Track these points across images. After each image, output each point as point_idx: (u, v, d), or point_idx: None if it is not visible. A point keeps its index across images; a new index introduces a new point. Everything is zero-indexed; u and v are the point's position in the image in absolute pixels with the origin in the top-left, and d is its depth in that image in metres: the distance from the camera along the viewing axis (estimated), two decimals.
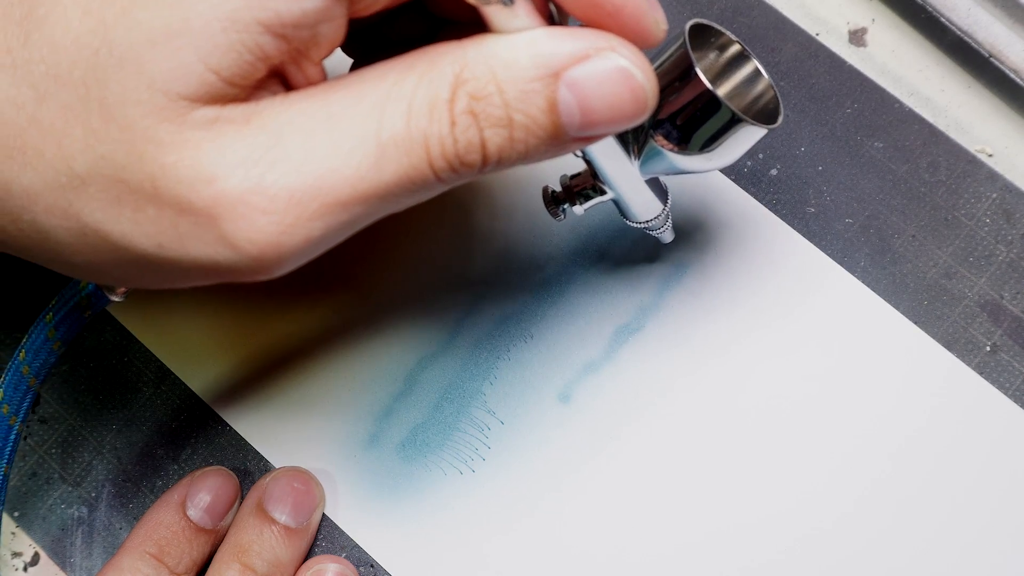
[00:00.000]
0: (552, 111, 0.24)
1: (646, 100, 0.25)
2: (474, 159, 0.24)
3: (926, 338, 0.36)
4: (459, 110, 0.24)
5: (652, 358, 0.37)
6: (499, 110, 0.24)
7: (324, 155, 0.23)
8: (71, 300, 0.32)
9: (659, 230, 0.35)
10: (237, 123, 0.23)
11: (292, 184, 0.23)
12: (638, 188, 0.32)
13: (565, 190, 0.33)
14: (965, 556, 0.34)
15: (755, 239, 0.37)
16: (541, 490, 0.36)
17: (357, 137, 0.23)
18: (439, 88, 0.24)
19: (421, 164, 0.24)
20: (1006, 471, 0.35)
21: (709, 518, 0.35)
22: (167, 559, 0.34)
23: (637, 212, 0.33)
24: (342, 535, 0.36)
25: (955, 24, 0.37)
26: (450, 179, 0.25)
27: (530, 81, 0.24)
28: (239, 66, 0.23)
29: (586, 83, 0.24)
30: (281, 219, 0.23)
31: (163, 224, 0.24)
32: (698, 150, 0.29)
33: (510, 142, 0.24)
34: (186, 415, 0.38)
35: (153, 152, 0.23)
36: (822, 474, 0.35)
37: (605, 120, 0.25)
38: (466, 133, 0.24)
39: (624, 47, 0.24)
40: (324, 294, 0.38)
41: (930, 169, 0.37)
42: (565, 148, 0.25)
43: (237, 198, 0.23)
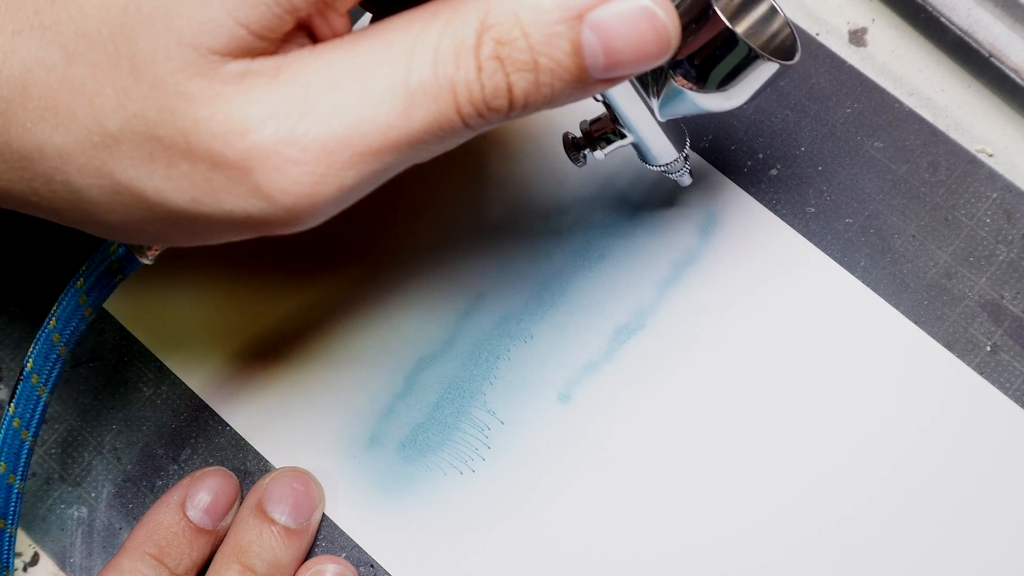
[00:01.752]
0: (577, 53, 0.24)
1: (669, 39, 0.25)
2: (501, 104, 0.24)
3: (926, 338, 0.36)
4: (485, 55, 0.24)
5: (652, 358, 0.37)
6: (524, 54, 0.24)
7: (354, 105, 0.24)
8: (102, 265, 0.32)
9: (678, 173, 0.35)
10: (267, 76, 0.24)
11: (323, 134, 0.23)
12: (657, 130, 0.33)
13: (585, 135, 0.33)
14: (966, 556, 0.34)
15: (755, 239, 0.37)
16: (541, 490, 0.36)
17: (385, 86, 0.24)
18: (464, 34, 0.24)
19: (449, 110, 0.24)
20: (1006, 471, 0.35)
21: (709, 518, 0.35)
22: (167, 559, 0.34)
23: (657, 155, 0.34)
24: (342, 535, 0.36)
25: (955, 24, 0.37)
26: (478, 125, 0.25)
27: (554, 24, 0.24)
28: (267, 19, 0.23)
29: (609, 24, 0.24)
30: (314, 169, 0.24)
31: (197, 179, 0.24)
32: (716, 87, 0.30)
33: (536, 86, 0.24)
34: (186, 415, 0.38)
35: (185, 108, 0.23)
36: (822, 474, 0.35)
37: (629, 60, 0.25)
38: (493, 78, 0.24)
39: None
40: (324, 294, 0.38)
41: (930, 169, 0.37)
42: (589, 90, 0.25)
43: (270, 150, 0.23)
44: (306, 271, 0.38)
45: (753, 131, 0.38)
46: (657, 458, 0.36)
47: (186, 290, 0.38)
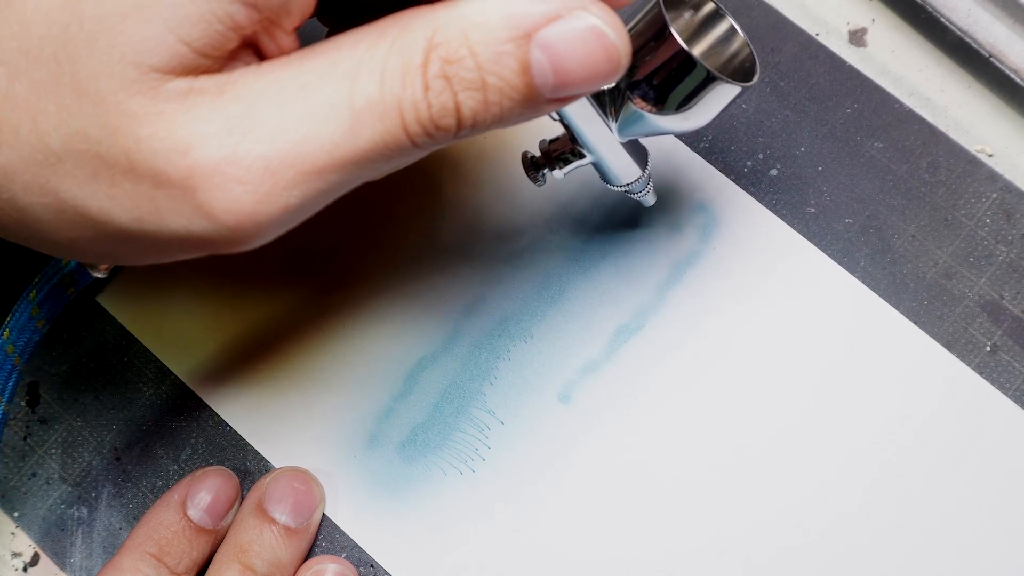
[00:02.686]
0: (525, 72, 0.24)
1: (619, 58, 0.25)
2: (449, 123, 0.24)
3: (926, 338, 0.36)
4: (432, 74, 0.24)
5: (652, 358, 0.37)
6: (472, 73, 0.24)
7: (299, 123, 0.23)
8: (54, 277, 0.32)
9: (640, 193, 0.35)
10: (211, 94, 0.23)
11: (267, 153, 0.23)
12: (617, 151, 0.32)
13: (544, 155, 0.33)
14: (965, 555, 0.34)
15: (755, 239, 0.37)
16: (541, 490, 0.36)
17: (331, 104, 0.23)
18: (412, 53, 0.24)
19: (396, 129, 0.24)
20: (1006, 471, 0.35)
21: (709, 518, 0.35)
22: (167, 559, 0.34)
23: (618, 175, 0.33)
24: (342, 535, 0.36)
25: (955, 24, 0.37)
26: (426, 144, 0.25)
27: (502, 43, 0.24)
28: (210, 36, 0.23)
29: (558, 43, 0.24)
30: (257, 188, 0.23)
31: (140, 197, 0.24)
32: (675, 109, 0.29)
33: (484, 105, 0.24)
34: (186, 415, 0.38)
35: (127, 125, 0.23)
36: (822, 474, 0.35)
37: (579, 80, 0.24)
38: (440, 97, 0.24)
39: (595, 6, 0.24)
40: (324, 295, 0.38)
41: (930, 169, 0.37)
42: (540, 109, 0.25)
43: (212, 168, 0.23)
44: (307, 271, 0.38)
45: (753, 131, 0.38)
46: (657, 458, 0.36)
47: (186, 290, 0.38)
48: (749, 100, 0.38)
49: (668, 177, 0.38)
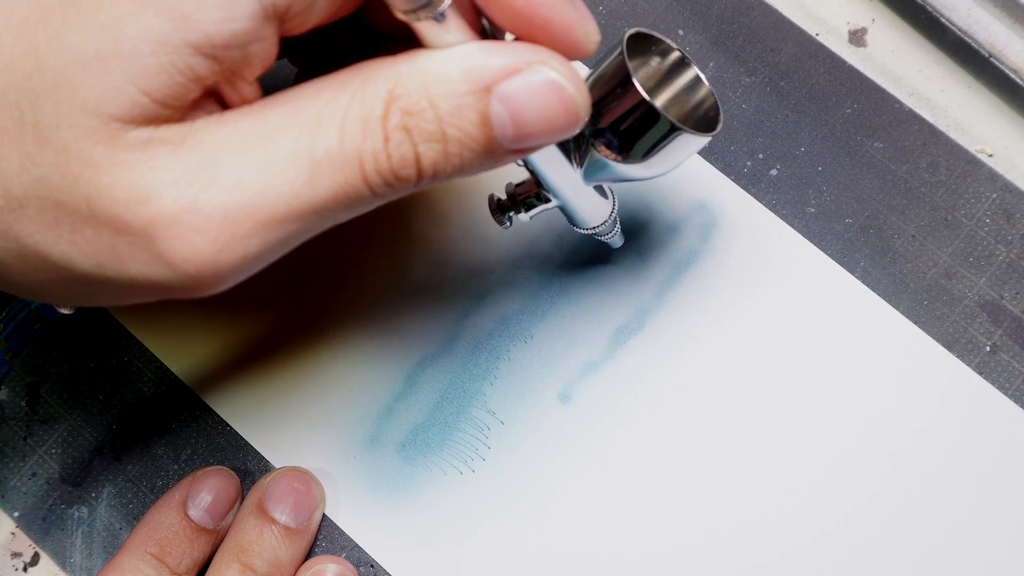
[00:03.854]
0: (485, 124, 0.24)
1: (578, 112, 0.25)
2: (409, 173, 0.25)
3: (926, 338, 0.36)
4: (392, 126, 0.24)
5: (652, 359, 0.37)
6: (432, 125, 0.24)
7: (258, 173, 0.24)
8: (20, 313, 0.33)
9: (607, 235, 0.35)
10: (172, 143, 0.24)
11: (226, 202, 0.23)
12: (583, 195, 0.32)
13: (510, 198, 0.33)
14: (965, 556, 0.34)
15: (755, 239, 0.37)
16: (541, 490, 0.36)
17: (291, 155, 0.24)
18: (372, 105, 0.24)
19: (355, 180, 0.24)
20: (1006, 471, 0.35)
21: (709, 518, 0.35)
22: (168, 559, 0.34)
23: (583, 218, 0.33)
24: (342, 535, 0.36)
25: (955, 24, 0.37)
26: (386, 193, 0.25)
27: (462, 95, 0.24)
28: (170, 87, 0.23)
29: (517, 96, 0.24)
30: (216, 237, 0.24)
31: (101, 244, 0.24)
32: (638, 159, 0.29)
33: (444, 156, 0.25)
34: (186, 415, 0.38)
35: (88, 174, 0.23)
36: (822, 474, 0.35)
37: (538, 132, 0.25)
38: (400, 148, 0.24)
39: (555, 60, 0.25)
40: (325, 294, 0.38)
41: (930, 169, 0.37)
42: (501, 160, 0.25)
43: (172, 217, 0.23)
44: (307, 271, 0.38)
45: (753, 131, 0.38)
46: (657, 458, 0.36)
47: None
48: (749, 100, 0.38)
49: (668, 177, 0.38)
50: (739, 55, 0.38)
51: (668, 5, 0.39)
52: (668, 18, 0.39)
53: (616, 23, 0.39)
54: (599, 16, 0.39)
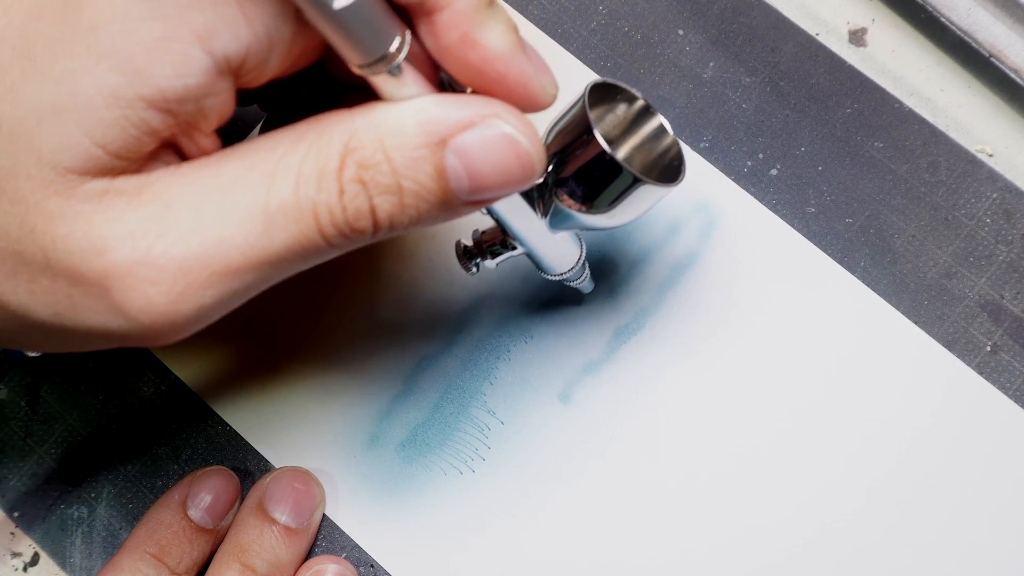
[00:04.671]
0: (441, 177, 0.24)
1: (532, 166, 0.25)
2: (364, 225, 0.25)
3: (926, 338, 0.36)
4: (348, 178, 0.24)
5: (652, 359, 0.37)
6: (387, 177, 0.24)
7: (213, 225, 0.24)
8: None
9: (576, 281, 0.34)
10: (128, 195, 0.24)
11: (181, 254, 0.24)
12: (548, 242, 0.32)
13: (476, 244, 0.33)
14: (966, 556, 0.34)
15: (755, 239, 0.37)
16: (541, 490, 0.36)
17: (246, 207, 0.24)
18: (328, 157, 0.24)
19: (311, 232, 0.24)
20: (1006, 471, 0.35)
21: (709, 519, 0.35)
22: (167, 559, 0.34)
23: (550, 265, 0.33)
24: (342, 535, 0.36)
25: (955, 24, 0.37)
26: (342, 245, 0.25)
27: (417, 148, 0.24)
28: (125, 140, 0.23)
29: (472, 149, 0.24)
30: (171, 289, 0.24)
31: (58, 294, 0.24)
32: (601, 209, 0.29)
33: (400, 208, 0.25)
34: (186, 415, 0.38)
35: (44, 225, 0.24)
36: (822, 474, 0.35)
37: (494, 185, 0.25)
38: (355, 201, 0.24)
39: (510, 113, 0.25)
40: (324, 294, 0.38)
41: (930, 169, 0.37)
42: (459, 212, 0.26)
43: (127, 269, 0.24)
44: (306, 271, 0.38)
45: (753, 131, 0.38)
46: (657, 458, 0.36)
47: None
48: (749, 100, 0.38)
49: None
50: (739, 55, 0.38)
51: (668, 5, 0.39)
52: (668, 18, 0.39)
53: (616, 23, 0.39)
54: (599, 16, 0.39)
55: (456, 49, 0.24)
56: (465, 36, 0.24)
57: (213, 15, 0.23)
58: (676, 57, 0.39)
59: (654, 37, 0.39)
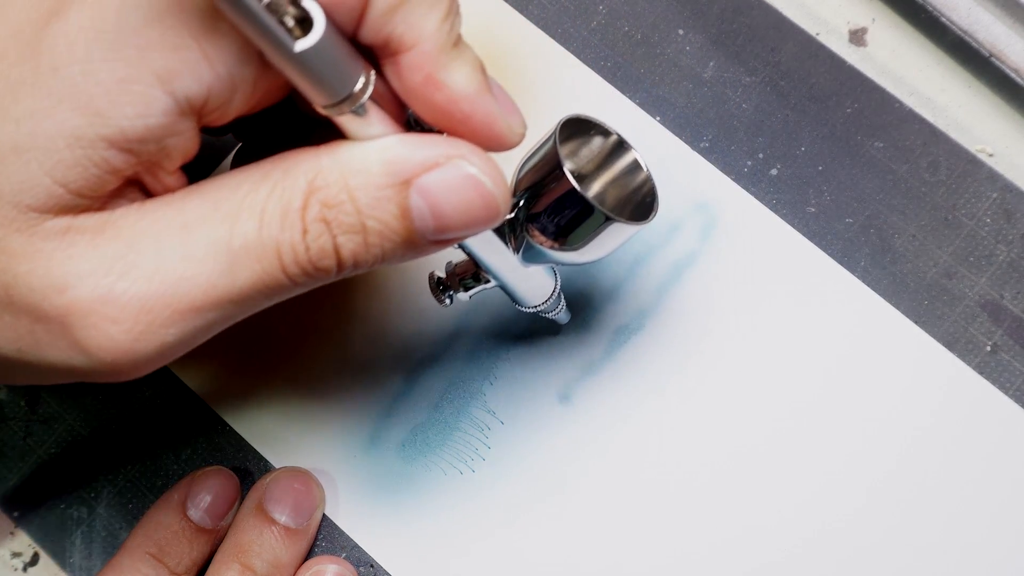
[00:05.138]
0: (405, 217, 0.25)
1: (497, 206, 0.25)
2: (328, 264, 0.25)
3: (926, 338, 0.36)
4: (311, 218, 0.24)
5: (652, 359, 0.37)
6: (351, 217, 0.24)
7: (176, 263, 0.24)
8: None
9: (551, 313, 0.34)
10: (90, 232, 0.24)
11: (143, 292, 0.24)
12: (521, 276, 0.32)
13: (449, 277, 0.33)
14: (966, 556, 0.34)
15: (755, 239, 0.37)
16: (541, 490, 0.36)
17: (209, 245, 0.24)
18: (292, 196, 0.24)
19: (274, 271, 0.25)
20: (1007, 471, 0.35)
21: (710, 519, 0.35)
22: (167, 559, 0.34)
23: (524, 298, 0.33)
24: (342, 535, 0.36)
25: (955, 24, 0.37)
26: (307, 283, 0.25)
27: (382, 188, 0.24)
28: (87, 179, 0.24)
29: (436, 190, 0.24)
30: (132, 327, 0.24)
31: (20, 330, 0.24)
32: (572, 247, 0.29)
33: (365, 247, 0.25)
34: (186, 415, 0.38)
35: (6, 262, 0.24)
36: (822, 474, 0.35)
37: (458, 225, 0.25)
38: (318, 240, 0.24)
39: (474, 154, 0.25)
40: (324, 294, 0.38)
41: (930, 169, 0.37)
42: (425, 250, 0.26)
43: (87, 307, 0.24)
44: None
45: (753, 131, 0.38)
46: (657, 457, 0.36)
47: None
48: (749, 100, 0.38)
49: (668, 177, 0.38)
50: (739, 55, 0.38)
51: (668, 5, 0.39)
52: (668, 18, 0.39)
53: (616, 23, 0.39)
54: (599, 16, 0.39)
55: (421, 90, 0.24)
56: (430, 77, 0.24)
57: (174, 57, 0.23)
58: (676, 57, 0.39)
59: (654, 37, 0.39)
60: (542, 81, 0.39)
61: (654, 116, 0.38)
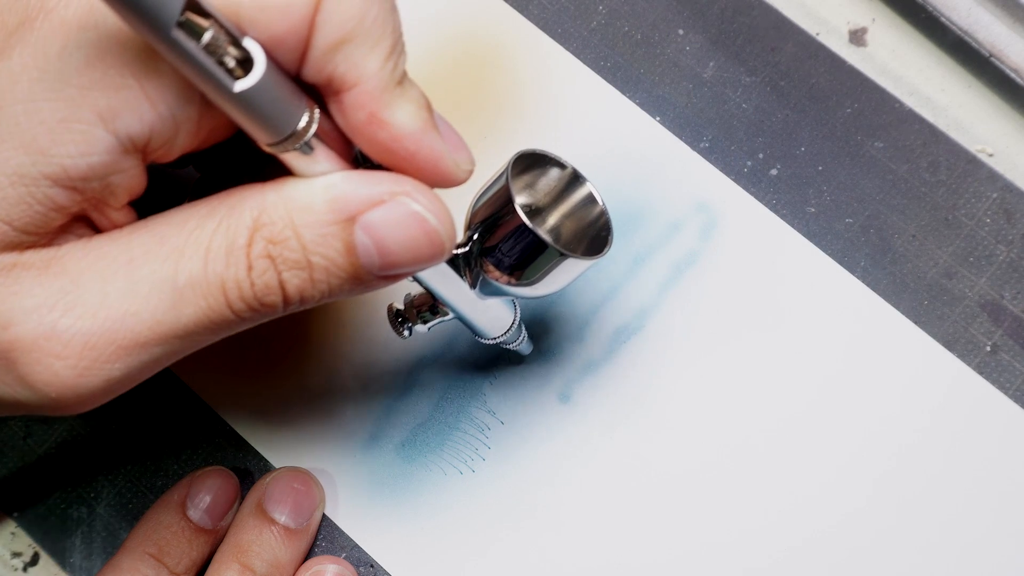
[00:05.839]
0: (350, 253, 0.25)
1: (442, 244, 0.25)
2: (274, 300, 0.25)
3: (926, 338, 0.36)
4: (256, 254, 0.24)
5: (652, 358, 0.37)
6: (296, 253, 0.25)
7: (121, 299, 0.24)
8: None
9: (512, 344, 0.34)
10: (36, 268, 0.24)
11: (87, 328, 0.24)
12: (479, 308, 0.32)
13: (407, 309, 0.32)
14: (966, 556, 0.34)
15: (755, 239, 0.37)
16: (541, 490, 0.36)
17: (155, 281, 0.24)
18: (237, 233, 0.24)
19: (219, 306, 0.25)
20: (1007, 471, 0.35)
21: (709, 518, 0.35)
22: (167, 559, 0.34)
23: (483, 330, 0.33)
24: (342, 535, 0.36)
25: (955, 24, 0.37)
26: (253, 318, 0.25)
27: (326, 225, 0.24)
28: (32, 217, 0.24)
29: (381, 227, 0.25)
30: (76, 363, 0.24)
31: None
32: (526, 281, 0.29)
33: (311, 283, 0.25)
34: (186, 415, 0.38)
35: None
36: (822, 474, 0.35)
37: (404, 262, 0.25)
38: (263, 276, 0.25)
39: (419, 192, 0.25)
40: None
41: (930, 169, 0.37)
42: (372, 286, 0.26)
43: (31, 343, 0.24)
44: None
45: (753, 131, 0.38)
46: (657, 457, 0.36)
47: None
48: (749, 100, 0.38)
49: (668, 176, 0.38)
50: (739, 55, 0.38)
51: (668, 5, 0.39)
52: (668, 18, 0.39)
53: (616, 23, 0.39)
54: (599, 16, 0.39)
55: (364, 128, 0.25)
56: (372, 115, 0.24)
57: (115, 96, 0.23)
58: (676, 57, 0.39)
59: (654, 37, 0.39)
60: (542, 81, 0.39)
61: (654, 116, 0.38)
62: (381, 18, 0.24)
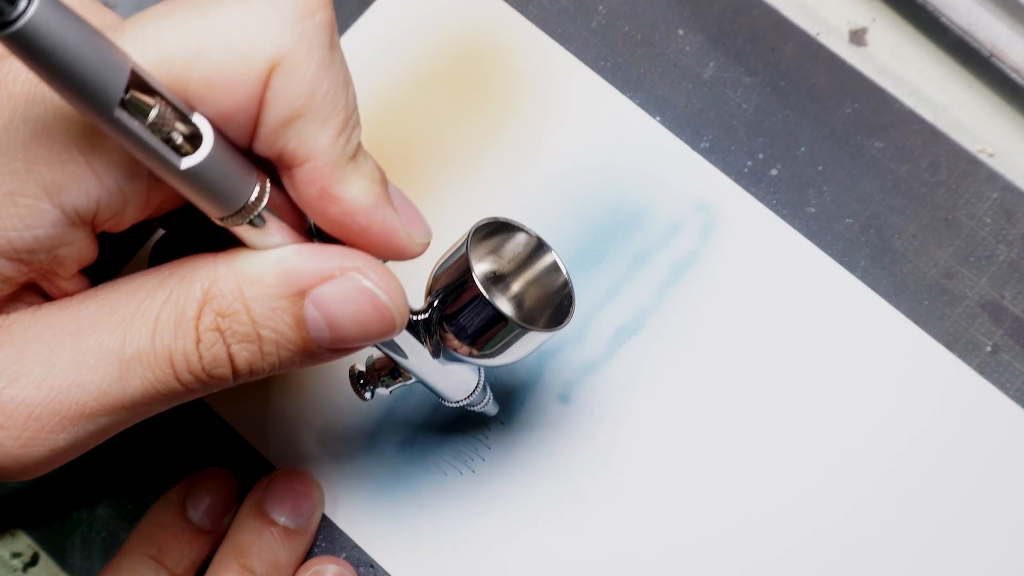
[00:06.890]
0: (300, 327, 0.25)
1: (392, 320, 0.25)
2: (223, 372, 0.25)
3: (927, 338, 0.36)
4: (205, 327, 0.24)
5: (652, 358, 0.37)
6: (245, 327, 0.24)
7: (67, 369, 0.24)
8: None
9: (477, 406, 0.34)
10: None
11: (31, 399, 0.24)
12: (440, 374, 0.31)
13: (369, 372, 0.32)
14: (966, 556, 0.34)
15: (755, 239, 0.37)
16: (541, 490, 0.36)
17: (101, 352, 0.24)
18: (186, 305, 0.24)
19: (167, 378, 0.25)
20: (1007, 471, 0.35)
21: (710, 519, 0.35)
22: (166, 560, 0.34)
23: (447, 393, 0.33)
24: (342, 535, 0.36)
25: (956, 24, 0.37)
26: (201, 389, 0.25)
27: (276, 299, 0.24)
28: None
29: (331, 302, 0.25)
30: (20, 434, 0.24)
31: None
32: (485, 352, 0.29)
33: (260, 356, 0.25)
34: (186, 415, 0.38)
35: None
36: (822, 474, 0.35)
37: (354, 337, 0.25)
38: (212, 349, 0.25)
39: (371, 267, 0.25)
40: None
41: (930, 169, 0.37)
42: (324, 358, 0.26)
43: None
44: None
45: (753, 131, 0.38)
46: (657, 457, 0.36)
47: None
48: (749, 100, 0.38)
49: (668, 176, 0.38)
50: (739, 55, 0.38)
51: (668, 5, 0.39)
52: (668, 18, 0.39)
53: (616, 23, 0.39)
54: (599, 16, 0.39)
55: (316, 203, 0.24)
56: (323, 191, 0.24)
57: (61, 171, 0.23)
58: (676, 57, 0.39)
59: (654, 37, 0.39)
60: (542, 81, 0.39)
61: (654, 116, 0.38)
62: (332, 94, 0.24)
